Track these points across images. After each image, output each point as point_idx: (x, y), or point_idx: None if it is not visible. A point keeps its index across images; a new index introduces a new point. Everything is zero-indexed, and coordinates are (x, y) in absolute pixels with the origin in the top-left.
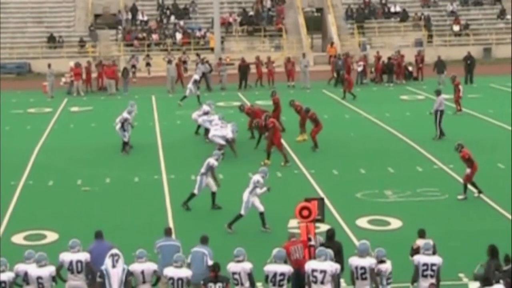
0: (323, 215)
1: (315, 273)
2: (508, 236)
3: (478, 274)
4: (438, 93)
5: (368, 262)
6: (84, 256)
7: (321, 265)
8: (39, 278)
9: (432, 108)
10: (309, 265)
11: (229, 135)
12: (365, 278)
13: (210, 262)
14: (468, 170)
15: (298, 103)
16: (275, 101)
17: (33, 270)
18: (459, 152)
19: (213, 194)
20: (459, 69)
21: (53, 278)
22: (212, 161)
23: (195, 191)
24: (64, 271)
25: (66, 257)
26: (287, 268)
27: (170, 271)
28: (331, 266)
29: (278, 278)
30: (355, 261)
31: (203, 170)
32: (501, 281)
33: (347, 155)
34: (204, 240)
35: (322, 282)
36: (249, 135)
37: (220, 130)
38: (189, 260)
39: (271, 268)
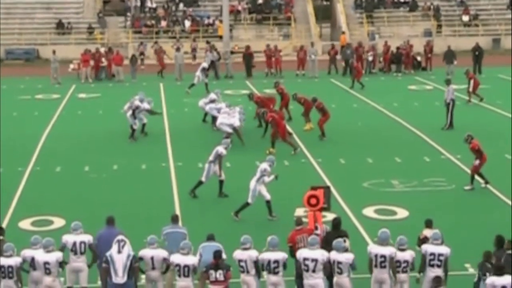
0: (329, 203)
1: (306, 262)
2: None
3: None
4: (448, 82)
5: (389, 250)
6: (87, 238)
7: (313, 253)
8: (46, 263)
9: (444, 98)
10: (301, 254)
11: (236, 123)
12: (384, 267)
13: (224, 256)
14: (476, 161)
15: (301, 96)
16: (279, 91)
17: (40, 255)
18: (468, 143)
19: (221, 182)
20: (467, 59)
21: (60, 264)
22: (220, 149)
23: (203, 179)
24: (66, 254)
25: (70, 238)
26: (280, 255)
27: (176, 258)
28: (322, 255)
29: (272, 265)
30: (375, 249)
31: (211, 158)
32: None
33: (355, 144)
34: (212, 237)
35: (313, 271)
36: (257, 124)
37: (228, 118)
38: (198, 256)
39: (265, 256)
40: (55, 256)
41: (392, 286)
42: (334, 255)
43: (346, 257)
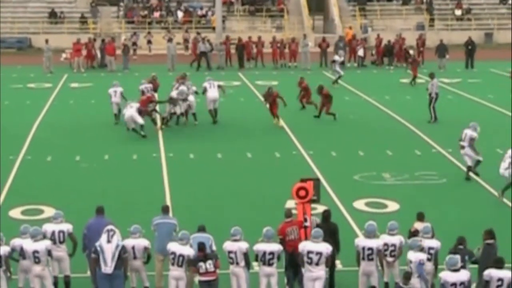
0: (319, 195)
1: (310, 255)
2: (504, 220)
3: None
4: (431, 76)
5: (376, 243)
6: (66, 227)
7: (317, 247)
8: (35, 252)
9: (428, 92)
10: (304, 247)
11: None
12: (372, 259)
13: (214, 247)
14: None
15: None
16: (302, 85)
17: (28, 244)
18: None
19: (478, 162)
20: (460, 53)
21: (49, 252)
22: (471, 132)
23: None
24: None
25: (49, 227)
26: (276, 247)
27: (173, 246)
28: (327, 248)
29: (267, 257)
30: (362, 241)
31: (465, 143)
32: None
33: (346, 137)
34: (203, 228)
35: (317, 264)
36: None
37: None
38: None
39: (261, 247)
40: (44, 244)
41: (379, 278)
42: (410, 255)
43: (415, 256)
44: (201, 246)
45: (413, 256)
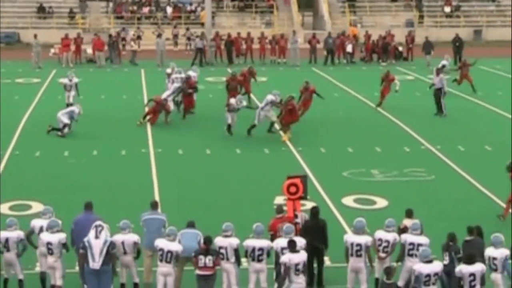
0: (306, 192)
1: (285, 251)
2: (492, 217)
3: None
4: (438, 72)
5: (364, 239)
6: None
7: None
8: (48, 243)
9: (438, 87)
10: (278, 244)
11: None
12: (360, 255)
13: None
14: None
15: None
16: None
17: (44, 235)
18: (509, 171)
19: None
20: (448, 50)
21: (64, 245)
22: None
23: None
24: (35, 238)
25: (37, 222)
26: (265, 243)
27: (161, 243)
28: (300, 242)
29: (256, 253)
30: (351, 238)
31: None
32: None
33: (335, 133)
34: (192, 224)
35: None
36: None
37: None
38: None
39: (250, 243)
40: (58, 237)
41: (368, 274)
42: (490, 251)
43: (500, 252)
44: (206, 240)
45: (498, 252)
